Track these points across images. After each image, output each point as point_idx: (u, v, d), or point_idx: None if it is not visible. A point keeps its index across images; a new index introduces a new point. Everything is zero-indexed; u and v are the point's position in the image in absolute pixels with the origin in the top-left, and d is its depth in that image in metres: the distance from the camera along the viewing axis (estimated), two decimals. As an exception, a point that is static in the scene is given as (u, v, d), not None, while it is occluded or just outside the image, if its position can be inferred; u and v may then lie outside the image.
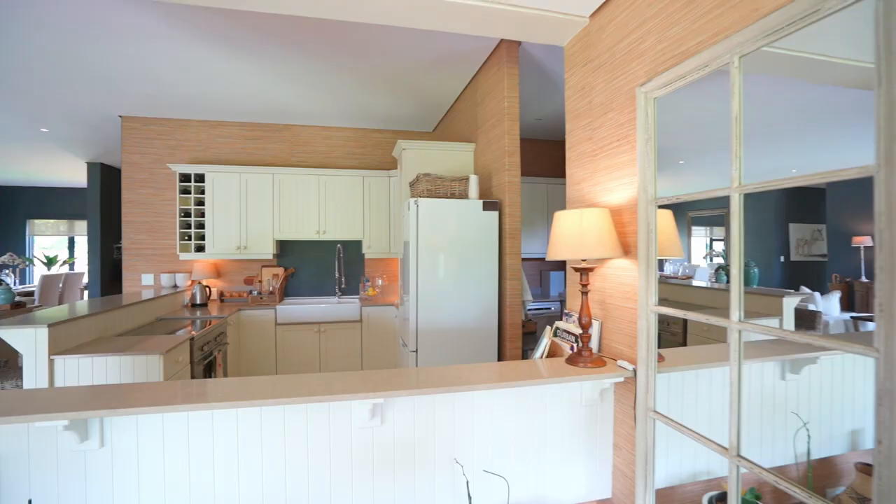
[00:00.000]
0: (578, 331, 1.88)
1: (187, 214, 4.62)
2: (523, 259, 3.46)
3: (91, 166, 6.66)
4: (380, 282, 5.26)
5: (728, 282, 1.83)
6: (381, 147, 5.35)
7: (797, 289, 1.86)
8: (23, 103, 4.31)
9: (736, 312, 1.25)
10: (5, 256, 4.46)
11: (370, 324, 4.67)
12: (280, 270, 4.96)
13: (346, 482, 1.60)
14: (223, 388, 1.51)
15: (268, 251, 4.73)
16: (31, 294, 7.03)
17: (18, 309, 4.32)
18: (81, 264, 8.72)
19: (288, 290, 5.11)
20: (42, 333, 2.55)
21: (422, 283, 3.22)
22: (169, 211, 4.81)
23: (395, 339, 4.68)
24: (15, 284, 7.94)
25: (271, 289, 4.84)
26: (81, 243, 9.08)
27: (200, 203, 4.67)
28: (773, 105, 1.62)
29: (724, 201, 1.29)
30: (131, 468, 1.45)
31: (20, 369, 2.68)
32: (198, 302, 4.46)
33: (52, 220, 9.19)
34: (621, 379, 1.72)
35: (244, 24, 2.87)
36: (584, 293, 1.80)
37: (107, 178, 6.67)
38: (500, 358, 3.41)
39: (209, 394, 1.45)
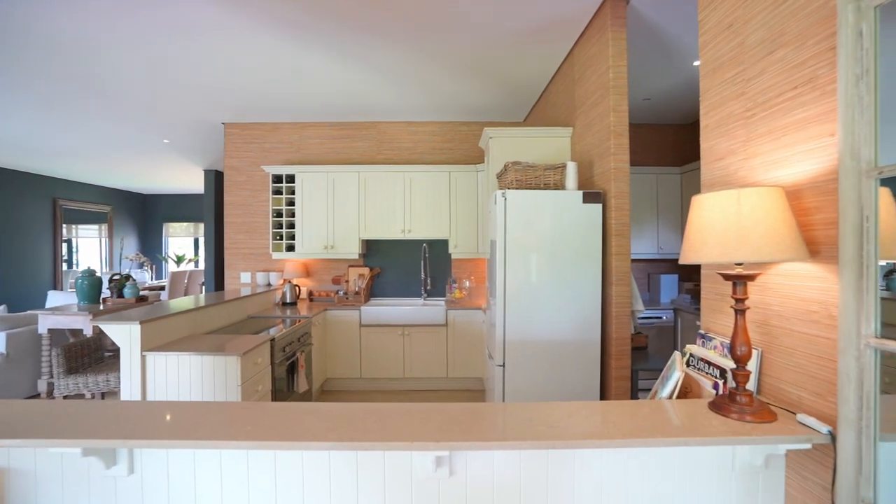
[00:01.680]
0: (728, 363, 1.33)
1: (279, 215, 4.72)
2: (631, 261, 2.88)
3: (207, 173, 7.30)
4: (467, 283, 4.92)
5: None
6: (468, 141, 5.01)
7: None
8: (144, 117, 4.75)
9: None
10: (132, 254, 4.93)
11: (456, 328, 4.35)
12: (366, 270, 4.87)
13: (407, 542, 1.26)
14: (265, 419, 1.26)
15: (354, 251, 4.65)
16: (163, 288, 7.95)
17: (141, 302, 4.74)
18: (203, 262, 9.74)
19: (374, 290, 5.01)
20: (136, 330, 2.61)
21: (510, 287, 2.80)
22: (263, 211, 4.97)
23: (482, 345, 4.31)
24: (152, 279, 9.09)
25: (357, 289, 4.76)
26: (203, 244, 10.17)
27: (291, 203, 4.74)
28: None
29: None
30: (161, 498, 1.25)
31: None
32: (288, 301, 4.52)
33: (183, 224, 10.40)
34: (807, 445, 1.13)
35: (325, 9, 2.71)
36: (740, 311, 1.25)
37: (219, 184, 7.25)
38: (604, 377, 2.86)
39: (244, 429, 1.20)
